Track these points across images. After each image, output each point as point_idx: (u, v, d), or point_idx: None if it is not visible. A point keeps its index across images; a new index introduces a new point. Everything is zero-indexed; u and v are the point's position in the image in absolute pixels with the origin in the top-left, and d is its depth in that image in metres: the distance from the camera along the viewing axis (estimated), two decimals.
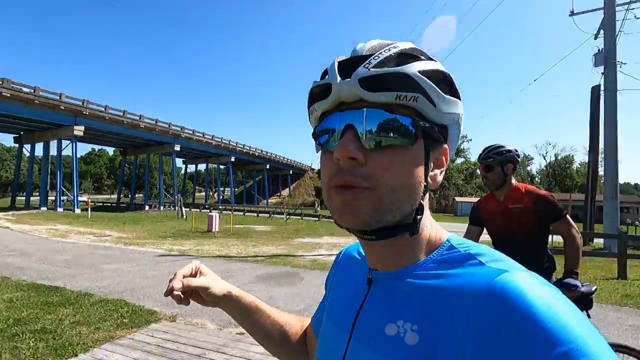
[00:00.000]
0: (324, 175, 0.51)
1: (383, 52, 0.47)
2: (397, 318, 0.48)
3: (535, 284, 0.41)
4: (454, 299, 0.44)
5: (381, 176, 0.46)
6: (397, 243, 0.51)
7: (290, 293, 6.02)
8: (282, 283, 6.72)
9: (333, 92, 0.48)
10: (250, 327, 0.76)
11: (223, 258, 9.51)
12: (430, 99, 0.47)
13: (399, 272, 0.52)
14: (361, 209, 0.46)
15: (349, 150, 0.45)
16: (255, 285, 6.50)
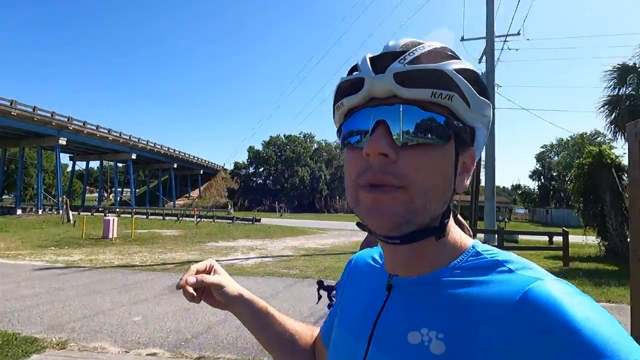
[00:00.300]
0: (349, 173, 0.49)
1: (417, 49, 0.46)
2: (421, 326, 0.46)
3: (571, 293, 0.40)
4: (484, 308, 0.42)
5: (413, 175, 0.44)
6: (420, 247, 0.49)
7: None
8: None
9: (365, 86, 0.46)
10: (261, 333, 0.72)
11: (124, 268, 8.45)
12: (465, 98, 0.46)
13: (423, 278, 0.50)
14: (392, 210, 0.44)
15: (380, 146, 0.44)
16: (167, 297, 5.88)
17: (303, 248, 13.16)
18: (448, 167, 0.47)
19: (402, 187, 0.44)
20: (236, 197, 61.30)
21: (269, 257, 10.68)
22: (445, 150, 0.46)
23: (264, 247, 13.24)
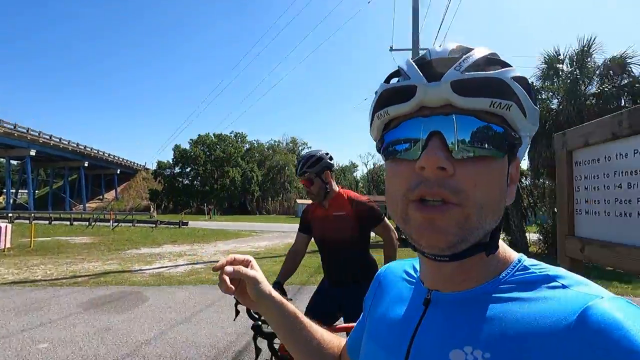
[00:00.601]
0: (396, 187, 0.46)
1: (472, 56, 0.44)
2: (464, 344, 0.44)
3: (633, 313, 0.37)
4: (536, 326, 0.40)
5: (471, 190, 0.42)
6: (467, 262, 0.47)
7: (133, 318, 4.99)
8: (119, 308, 5.53)
9: (417, 94, 0.43)
10: (290, 336, 0.71)
11: (22, 284, 7.14)
12: (523, 108, 0.44)
13: (467, 293, 0.48)
14: (447, 229, 0.42)
15: (438, 159, 0.41)
16: (81, 315, 5.10)
17: (237, 252, 12.65)
18: (503, 180, 0.45)
19: (458, 203, 0.42)
20: (159, 199, 56.88)
21: (200, 263, 9.98)
22: (502, 163, 0.45)
23: (194, 252, 12.37)
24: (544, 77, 12.38)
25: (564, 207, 2.11)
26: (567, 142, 2.10)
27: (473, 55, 0.44)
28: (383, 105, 0.48)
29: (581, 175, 1.99)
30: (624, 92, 10.57)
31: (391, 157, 0.48)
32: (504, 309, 0.44)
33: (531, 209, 14.29)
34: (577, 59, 11.62)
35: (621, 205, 1.67)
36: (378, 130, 0.51)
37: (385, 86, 0.49)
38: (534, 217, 14.64)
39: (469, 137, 0.42)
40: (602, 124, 1.75)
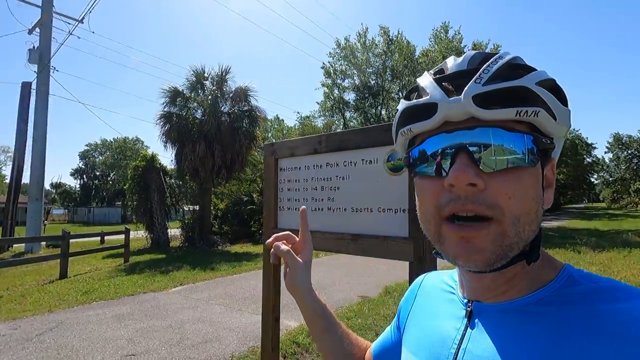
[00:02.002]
0: (427, 205, 0.45)
1: (492, 65, 0.43)
2: (513, 356, 0.42)
3: None
4: (592, 339, 0.38)
5: (505, 204, 0.41)
6: (509, 272, 0.46)
7: None
8: None
9: (439, 111, 0.43)
10: (320, 333, 0.72)
11: None
12: (551, 111, 0.43)
13: (510, 304, 0.46)
14: (484, 248, 0.42)
15: (467, 176, 0.41)
16: None
17: None
18: (538, 187, 0.44)
19: (493, 218, 0.41)
20: None
21: None
22: (534, 170, 0.44)
23: None
24: (193, 88, 13.82)
25: (271, 204, 2.53)
26: (275, 151, 2.54)
27: (493, 65, 0.43)
28: (405, 122, 0.47)
29: (285, 179, 2.48)
30: (246, 115, 13.91)
31: (419, 175, 0.47)
32: (552, 321, 0.42)
33: (174, 207, 15.36)
34: (217, 81, 13.95)
35: (316, 203, 2.25)
36: (403, 147, 0.51)
37: (406, 104, 0.48)
38: (175, 214, 15.83)
39: (497, 150, 0.41)
40: (307, 142, 2.28)
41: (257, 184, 18.57)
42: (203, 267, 8.75)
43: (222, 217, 17.00)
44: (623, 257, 8.97)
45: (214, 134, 12.81)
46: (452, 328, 0.51)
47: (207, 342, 3.98)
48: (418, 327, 0.58)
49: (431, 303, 0.59)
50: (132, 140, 56.71)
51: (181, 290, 6.52)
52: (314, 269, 3.30)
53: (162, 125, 13.19)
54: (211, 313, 5.08)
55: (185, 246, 13.37)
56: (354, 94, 23.78)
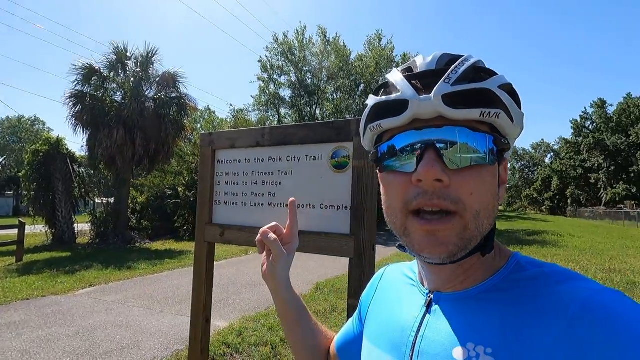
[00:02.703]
0: (394, 199, 0.47)
1: (459, 67, 0.45)
2: (467, 341, 0.45)
3: (628, 303, 0.40)
4: (535, 321, 0.42)
5: (468, 200, 0.44)
6: (465, 263, 0.49)
7: None
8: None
9: (410, 108, 0.45)
10: (295, 323, 0.73)
11: None
12: (510, 114, 0.46)
13: (466, 292, 0.49)
14: (448, 240, 0.44)
15: (435, 172, 0.43)
16: None
17: None
18: (495, 185, 0.48)
19: (456, 212, 0.44)
20: None
21: None
22: (493, 169, 0.47)
23: None
24: (113, 67, 12.41)
25: (206, 198, 2.38)
26: (213, 142, 2.39)
27: (461, 67, 0.45)
28: (375, 118, 0.49)
29: (222, 172, 2.35)
30: (174, 103, 12.95)
31: (387, 170, 0.48)
32: (503, 305, 0.45)
33: (83, 199, 13.63)
34: (142, 62, 12.73)
35: (256, 198, 2.18)
36: (371, 141, 0.52)
37: (376, 99, 0.49)
38: (84, 207, 14.06)
39: (462, 148, 0.44)
40: (249, 134, 2.19)
41: (183, 177, 17.43)
42: (118, 266, 7.92)
43: (142, 212, 15.61)
44: None
45: (136, 120, 11.67)
46: (411, 317, 0.53)
47: (122, 349, 3.60)
48: (379, 318, 0.60)
49: (392, 294, 0.61)
50: (30, 120, 48.96)
51: (91, 292, 5.81)
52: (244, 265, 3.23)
53: (72, 106, 11.62)
54: (128, 316, 4.62)
55: (96, 243, 11.96)
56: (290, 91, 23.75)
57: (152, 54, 12.80)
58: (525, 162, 65.11)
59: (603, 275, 7.21)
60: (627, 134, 41.40)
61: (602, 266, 8.34)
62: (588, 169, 44.95)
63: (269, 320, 4.27)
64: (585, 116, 47.91)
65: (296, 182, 1.90)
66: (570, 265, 8.48)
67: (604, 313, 0.38)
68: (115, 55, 12.35)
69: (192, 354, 2.21)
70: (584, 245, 12.51)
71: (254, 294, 5.71)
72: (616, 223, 27.68)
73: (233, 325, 4.17)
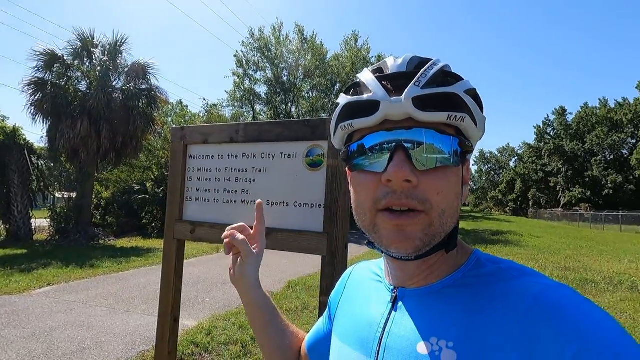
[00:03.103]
0: (364, 197, 0.48)
1: (429, 71, 0.47)
2: (430, 335, 0.46)
3: (576, 296, 0.43)
4: (493, 314, 0.44)
5: (434, 199, 0.46)
6: (430, 260, 0.51)
7: None
8: None
9: (381, 109, 0.46)
10: (265, 324, 0.71)
11: None
12: (474, 118, 0.48)
13: (430, 288, 0.51)
14: (414, 235, 0.46)
15: (405, 173, 0.44)
16: None
17: None
18: (459, 185, 0.50)
19: (424, 211, 0.45)
20: None
21: None
22: (457, 170, 0.49)
23: None
24: (77, 55, 11.76)
25: (176, 194, 2.31)
26: (185, 136, 2.33)
27: (430, 70, 0.47)
28: (346, 117, 0.50)
29: (194, 167, 2.29)
30: (143, 95, 12.46)
31: (357, 169, 0.49)
32: (463, 300, 0.47)
33: (42, 193, 12.86)
34: (110, 51, 12.15)
35: (229, 194, 2.14)
36: (341, 140, 0.53)
37: (348, 99, 0.50)
38: (43, 202, 13.27)
39: (430, 150, 0.45)
40: (223, 129, 2.15)
41: (152, 172, 16.82)
42: (80, 264, 7.54)
43: (107, 207, 14.92)
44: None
45: (102, 111, 11.12)
46: (378, 313, 0.54)
47: (83, 351, 3.43)
48: (347, 316, 0.61)
49: (359, 292, 0.62)
50: None
51: (49, 292, 5.50)
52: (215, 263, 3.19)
53: (32, 94, 10.91)
54: (90, 316, 4.41)
55: (55, 240, 11.31)
56: (266, 87, 23.46)
57: (121, 42, 12.25)
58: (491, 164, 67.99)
59: (559, 273, 7.67)
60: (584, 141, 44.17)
61: (558, 264, 8.87)
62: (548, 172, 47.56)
63: (240, 319, 4.21)
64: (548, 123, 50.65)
65: (270, 180, 1.89)
66: (530, 263, 8.96)
67: (553, 306, 0.41)
68: (80, 42, 11.71)
69: (158, 355, 2.15)
70: (542, 245, 13.25)
71: (224, 293, 5.61)
72: (572, 224, 29.50)
73: (202, 324, 4.08)
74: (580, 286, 6.53)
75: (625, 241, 15.56)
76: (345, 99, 0.50)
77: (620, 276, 7.41)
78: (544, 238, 16.28)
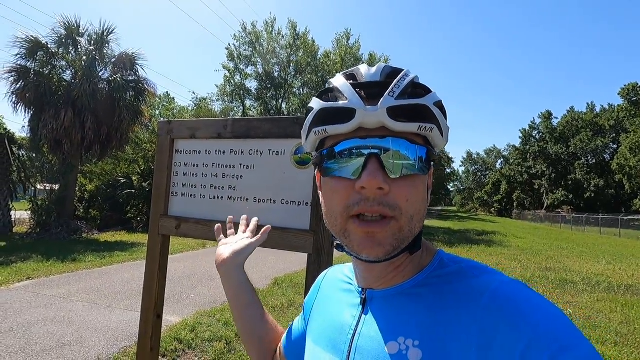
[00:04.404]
0: (336, 203, 0.49)
1: (402, 81, 0.49)
2: (398, 335, 0.48)
3: (529, 291, 0.46)
4: (455, 311, 0.46)
5: (404, 206, 0.47)
6: (397, 261, 0.53)
7: None
8: None
9: (357, 117, 0.47)
10: (245, 306, 0.74)
11: None
12: (441, 129, 0.50)
13: (396, 289, 0.53)
14: (385, 241, 0.47)
15: (378, 181, 0.45)
16: None
17: None
18: (425, 192, 0.52)
19: (394, 217, 0.47)
20: None
21: None
22: (424, 178, 0.51)
23: None
24: (62, 43, 11.44)
25: (162, 189, 2.28)
26: (172, 131, 2.30)
27: (402, 81, 0.49)
28: (320, 122, 0.50)
29: (181, 162, 2.26)
30: (131, 86, 12.21)
31: (329, 174, 0.50)
32: (428, 299, 0.49)
33: (22, 184, 12.51)
34: (96, 40, 11.85)
35: (216, 191, 2.12)
36: (313, 145, 0.53)
37: (323, 104, 0.50)
38: (24, 193, 12.92)
39: (402, 159, 0.47)
40: (211, 124, 2.12)
41: (138, 165, 16.54)
42: (61, 257, 7.37)
43: (90, 200, 14.61)
44: (466, 251, 11.07)
45: (87, 102, 10.84)
46: (349, 316, 0.56)
47: (63, 346, 3.36)
48: (320, 318, 0.62)
49: (332, 295, 0.64)
50: None
51: (29, 286, 5.36)
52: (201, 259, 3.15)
53: (14, 82, 10.57)
54: (70, 311, 4.32)
55: (36, 233, 11.02)
56: (257, 83, 23.25)
57: (108, 32, 11.96)
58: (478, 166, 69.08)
59: (540, 273, 7.86)
60: (568, 145, 45.23)
61: (540, 265, 9.08)
62: (533, 175, 48.60)
63: (225, 315, 4.19)
64: (533, 126, 51.68)
65: (258, 176, 1.88)
66: (513, 263, 9.16)
67: (509, 301, 0.44)
68: (65, 30, 11.38)
69: (141, 351, 2.12)
70: (525, 246, 13.55)
71: (209, 289, 5.57)
72: (554, 226, 30.27)
73: (187, 320, 4.04)
74: (560, 286, 6.71)
75: (604, 243, 16.05)
76: (319, 104, 0.51)
77: (598, 277, 7.63)
78: (527, 239, 16.65)
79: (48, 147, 11.54)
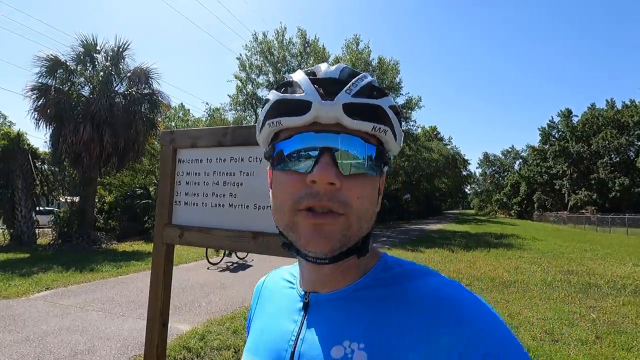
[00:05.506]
0: (285, 196, 0.48)
1: (359, 81, 0.49)
2: (343, 339, 0.48)
3: (467, 292, 0.48)
4: (398, 313, 0.47)
5: (354, 203, 0.47)
6: (343, 264, 0.52)
7: None
8: None
9: (312, 110, 0.46)
10: None
11: None
12: (395, 132, 0.51)
13: (341, 292, 0.52)
14: (332, 235, 0.46)
15: (329, 176, 0.45)
16: None
17: None
18: (376, 193, 0.51)
19: (343, 214, 0.46)
20: None
21: None
22: (376, 179, 0.51)
23: None
24: (80, 60, 11.88)
25: (165, 198, 2.30)
26: (174, 140, 2.33)
27: (360, 82, 0.49)
28: (275, 114, 0.49)
29: (183, 171, 2.28)
30: (145, 99, 12.54)
31: (280, 168, 0.49)
32: (372, 302, 0.49)
33: (45, 197, 12.96)
34: (112, 56, 12.26)
35: (217, 198, 2.13)
36: (267, 137, 0.52)
37: (279, 95, 0.49)
38: (48, 206, 13.36)
39: (355, 156, 0.47)
40: (211, 133, 2.14)
41: (155, 176, 16.91)
42: (80, 267, 7.56)
43: (110, 211, 15.00)
44: (484, 255, 10.79)
45: (104, 116, 11.20)
46: (291, 321, 0.54)
47: (76, 355, 3.42)
48: (260, 328, 0.60)
49: (271, 302, 0.61)
50: None
51: (47, 296, 5.51)
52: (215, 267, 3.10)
53: (35, 99, 11.02)
54: (85, 321, 4.41)
55: (58, 244, 11.37)
56: (268, 92, 23.48)
57: (124, 48, 12.36)
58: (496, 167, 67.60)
59: (561, 277, 7.56)
60: (589, 143, 43.79)
61: (561, 268, 8.75)
62: (553, 175, 47.18)
63: (234, 323, 4.19)
64: (552, 125, 50.30)
65: (258, 183, 1.87)
66: (532, 267, 8.85)
67: (448, 301, 0.45)
68: (83, 47, 11.82)
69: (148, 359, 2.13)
70: (546, 248, 13.10)
71: (221, 297, 5.59)
72: (578, 227, 29.20)
73: (196, 328, 4.06)
74: (583, 290, 6.43)
75: (631, 244, 15.36)
76: (276, 95, 0.50)
77: (624, 280, 7.29)
78: (548, 241, 16.11)
79: (68, 161, 11.94)
